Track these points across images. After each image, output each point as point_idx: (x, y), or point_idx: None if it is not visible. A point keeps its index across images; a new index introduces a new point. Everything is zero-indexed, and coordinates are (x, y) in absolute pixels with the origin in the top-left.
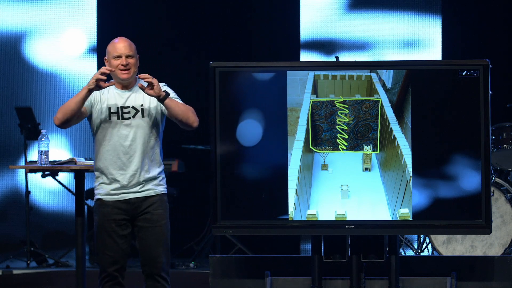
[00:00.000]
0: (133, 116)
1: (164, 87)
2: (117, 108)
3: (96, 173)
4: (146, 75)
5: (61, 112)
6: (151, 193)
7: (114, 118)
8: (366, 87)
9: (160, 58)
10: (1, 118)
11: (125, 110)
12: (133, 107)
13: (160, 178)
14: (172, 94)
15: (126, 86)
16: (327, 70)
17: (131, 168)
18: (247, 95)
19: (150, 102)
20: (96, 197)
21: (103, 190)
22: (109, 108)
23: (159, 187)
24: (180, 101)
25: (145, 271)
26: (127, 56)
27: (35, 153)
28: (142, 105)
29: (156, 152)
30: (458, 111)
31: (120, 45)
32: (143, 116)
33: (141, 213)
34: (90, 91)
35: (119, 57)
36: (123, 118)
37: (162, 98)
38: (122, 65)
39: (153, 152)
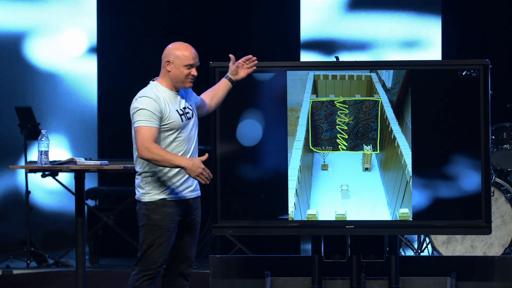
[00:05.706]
0: (192, 116)
1: (188, 92)
2: (181, 109)
3: (158, 173)
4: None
5: (157, 158)
6: (198, 193)
7: (183, 118)
8: (366, 87)
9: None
10: (1, 118)
11: (185, 110)
12: (188, 107)
13: None
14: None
15: (176, 88)
16: (327, 70)
17: None
18: (247, 95)
19: (194, 102)
20: (159, 196)
21: (168, 189)
22: (177, 111)
23: (199, 188)
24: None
25: (178, 269)
26: (196, 67)
27: (35, 153)
28: (190, 105)
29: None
30: (458, 111)
31: (194, 55)
32: (196, 115)
33: (190, 212)
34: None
35: (192, 66)
36: (188, 118)
37: (235, 80)
38: (192, 75)
39: (198, 151)
